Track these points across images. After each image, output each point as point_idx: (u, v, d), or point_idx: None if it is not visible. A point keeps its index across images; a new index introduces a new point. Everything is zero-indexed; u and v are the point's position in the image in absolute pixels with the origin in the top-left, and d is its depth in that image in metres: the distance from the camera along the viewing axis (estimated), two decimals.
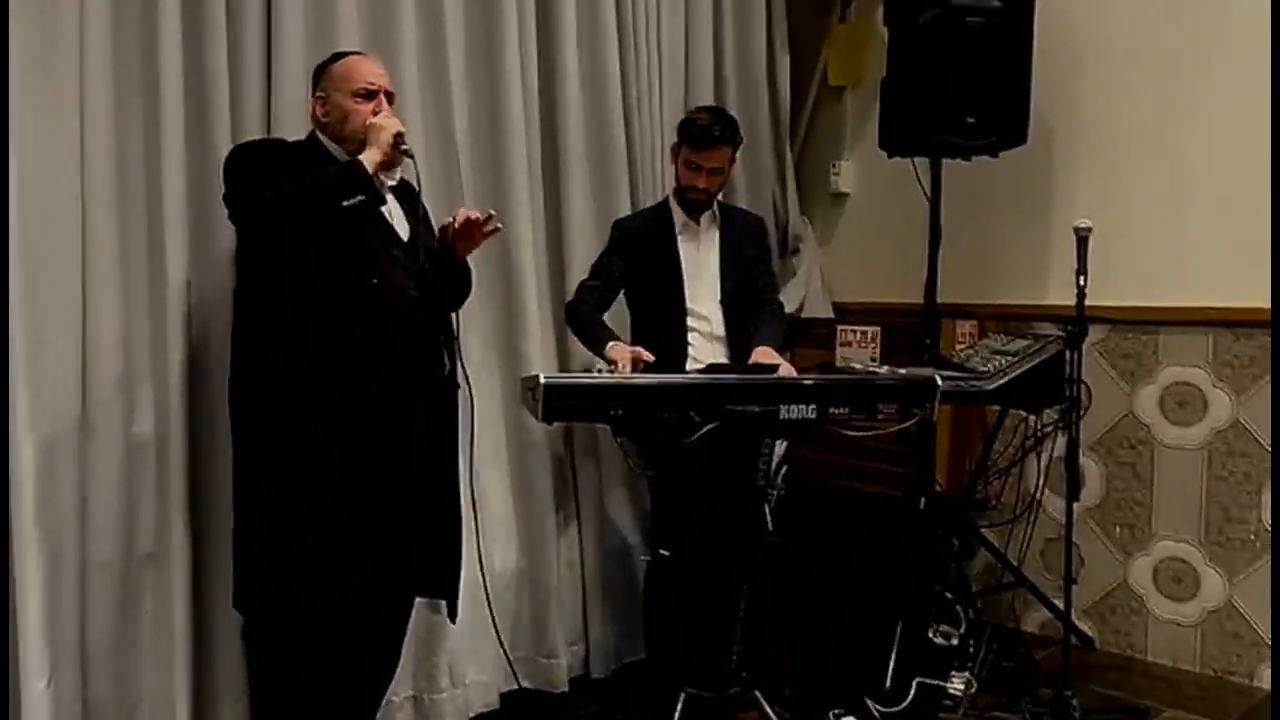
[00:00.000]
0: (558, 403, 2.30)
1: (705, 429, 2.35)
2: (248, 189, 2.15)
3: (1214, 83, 3.25)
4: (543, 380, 2.27)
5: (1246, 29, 3.17)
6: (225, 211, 2.27)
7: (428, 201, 2.41)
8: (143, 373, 2.39)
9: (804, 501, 3.82)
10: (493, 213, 2.38)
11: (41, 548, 2.16)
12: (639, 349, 2.72)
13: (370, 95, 2.30)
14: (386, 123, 2.23)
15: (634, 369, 2.61)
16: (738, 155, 3.15)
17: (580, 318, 2.99)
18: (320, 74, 2.37)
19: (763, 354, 2.83)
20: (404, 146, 2.22)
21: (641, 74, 3.40)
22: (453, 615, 2.49)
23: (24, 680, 2.14)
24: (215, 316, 2.46)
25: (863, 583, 3.22)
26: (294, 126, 2.51)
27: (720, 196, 3.21)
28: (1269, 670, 3.15)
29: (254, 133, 2.53)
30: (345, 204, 2.10)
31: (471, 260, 2.54)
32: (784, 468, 3.92)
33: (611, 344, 2.80)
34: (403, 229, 2.34)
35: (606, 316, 3.03)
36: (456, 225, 2.37)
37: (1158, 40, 3.37)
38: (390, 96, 2.35)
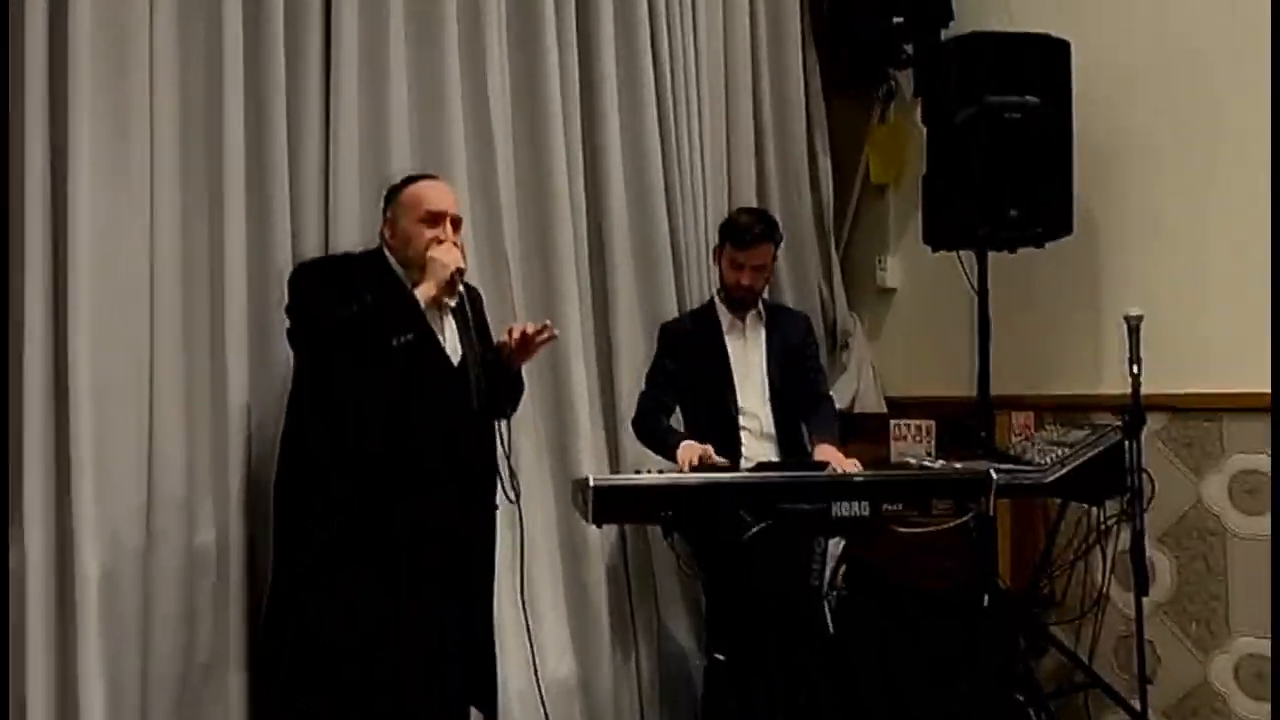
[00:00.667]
0: (607, 504, 2.30)
1: (756, 528, 2.33)
2: (309, 314, 2.23)
3: (1264, 161, 3.23)
4: (592, 482, 2.28)
5: None
6: (284, 329, 2.35)
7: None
8: (204, 487, 2.46)
9: (866, 600, 3.74)
10: (548, 323, 2.44)
11: (103, 658, 2.19)
12: (708, 448, 2.72)
13: (435, 220, 2.38)
14: (446, 257, 2.30)
15: (698, 467, 2.61)
16: (779, 253, 3.19)
17: (647, 428, 3.01)
18: (391, 197, 2.46)
19: (825, 452, 2.82)
20: (459, 285, 2.32)
21: (685, 178, 3.48)
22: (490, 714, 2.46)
23: None
24: (275, 428, 2.51)
25: (928, 684, 3.12)
26: (349, 239, 2.61)
27: (765, 295, 3.25)
28: None
29: (312, 247, 2.63)
30: (396, 342, 2.18)
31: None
32: (843, 566, 3.86)
33: (683, 444, 2.79)
34: (455, 351, 2.40)
35: None
36: (514, 342, 2.41)
37: (1199, 122, 3.37)
38: (457, 222, 2.43)
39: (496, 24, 2.99)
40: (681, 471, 2.60)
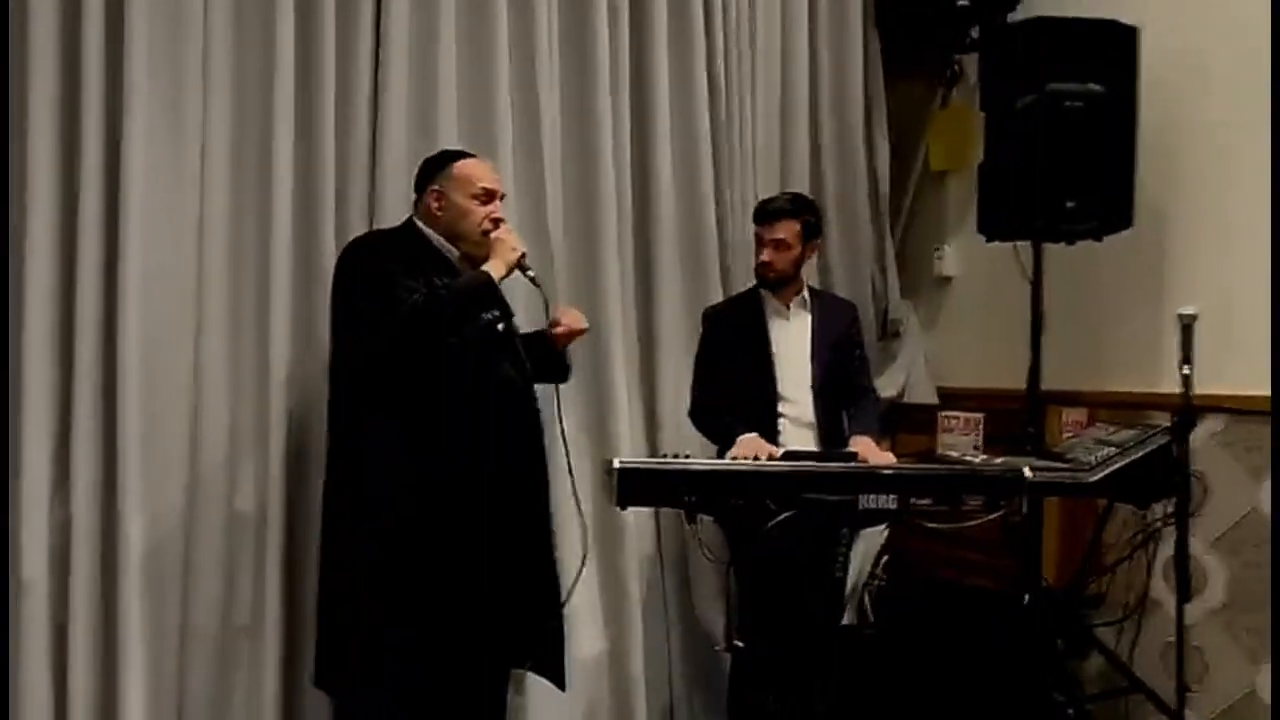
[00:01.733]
0: (632, 487, 2.32)
1: (781, 516, 2.33)
2: (382, 294, 2.25)
3: None
4: (616, 464, 2.30)
5: None
6: (328, 300, 2.42)
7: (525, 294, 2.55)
8: (246, 454, 2.55)
9: (906, 593, 3.71)
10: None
11: (146, 618, 2.30)
12: (772, 449, 2.71)
13: (489, 197, 2.43)
14: (512, 240, 2.38)
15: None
16: (820, 241, 3.15)
17: (706, 422, 3.01)
18: (436, 169, 2.49)
19: (861, 444, 2.80)
20: (529, 270, 2.38)
21: (736, 162, 3.47)
22: (560, 684, 2.53)
23: None
24: (317, 399, 2.59)
25: (966, 681, 3.09)
26: (396, 218, 2.66)
27: (815, 284, 3.22)
28: None
29: (357, 228, 2.69)
30: (485, 319, 2.26)
31: None
32: (884, 557, 3.82)
33: (745, 437, 2.79)
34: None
35: None
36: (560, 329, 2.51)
37: (1270, 114, 3.24)
38: (503, 198, 2.49)
39: (547, 6, 3.00)
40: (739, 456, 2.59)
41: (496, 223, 2.41)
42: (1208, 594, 3.30)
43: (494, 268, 2.32)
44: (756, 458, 2.62)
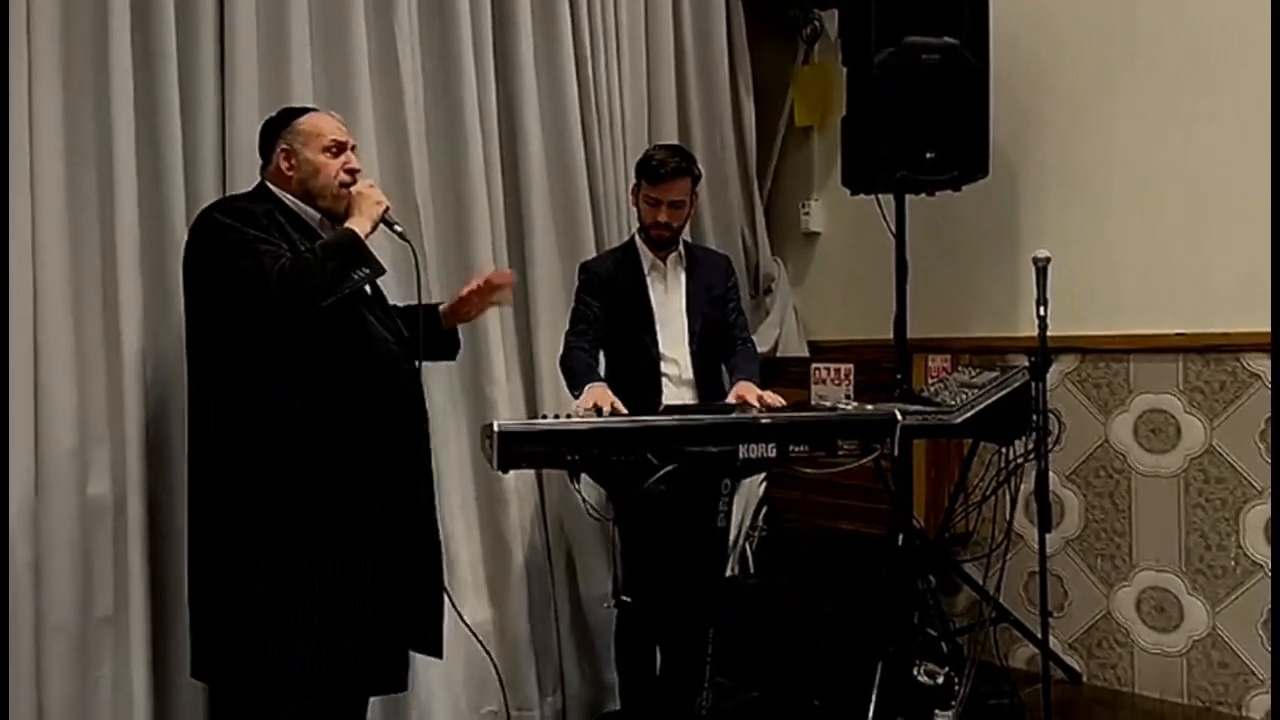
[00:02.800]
0: (513, 449, 2.28)
1: (663, 470, 2.33)
2: (247, 262, 2.12)
3: (1179, 109, 3.27)
4: (497, 427, 2.26)
5: (1210, 55, 3.19)
6: (180, 271, 2.28)
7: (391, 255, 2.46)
8: (99, 434, 2.39)
9: (784, 542, 3.80)
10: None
11: None
12: (615, 401, 2.68)
13: (340, 149, 2.32)
14: (375, 194, 2.27)
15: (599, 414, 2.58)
16: (698, 192, 3.15)
17: (569, 369, 2.96)
18: (280, 128, 2.36)
19: (743, 388, 2.82)
20: (396, 225, 2.28)
21: (604, 119, 3.43)
22: (437, 653, 2.45)
23: None
24: (175, 377, 2.45)
25: (844, 622, 3.18)
26: (248, 180, 2.53)
27: (688, 238, 3.22)
28: (1257, 699, 3.09)
29: (209, 190, 2.55)
30: (355, 277, 2.14)
31: None
32: (764, 508, 3.90)
33: (589, 387, 2.76)
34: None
35: None
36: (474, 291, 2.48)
37: (1117, 68, 3.40)
38: (353, 148, 2.37)
39: None
40: (576, 413, 2.57)
41: (353, 174, 2.31)
42: (1064, 524, 3.49)
43: (358, 224, 2.22)
44: (599, 409, 2.59)
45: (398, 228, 2.29)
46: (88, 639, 2.36)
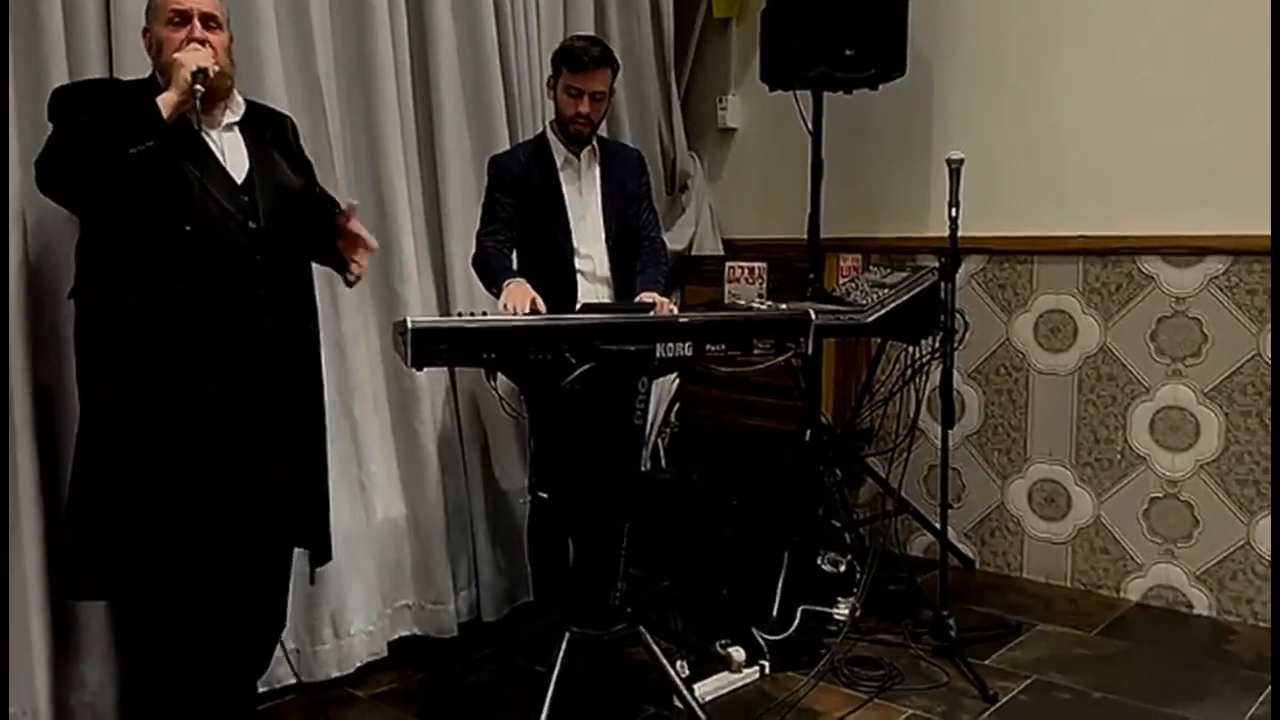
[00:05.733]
0: (427, 347, 2.23)
1: (581, 369, 2.33)
2: (49, 136, 2.02)
3: (1089, 11, 3.29)
4: (410, 324, 2.21)
5: None
6: None
7: None
8: None
9: (695, 437, 3.87)
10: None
11: None
12: (536, 298, 2.63)
13: (183, 20, 2.13)
14: (187, 58, 2.07)
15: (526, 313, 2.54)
16: (617, 87, 3.07)
17: (484, 266, 2.88)
18: (147, 10, 2.21)
19: (647, 299, 2.80)
20: (198, 87, 2.06)
21: (518, 8, 3.30)
22: (314, 563, 2.44)
23: None
24: (59, 259, 2.32)
25: (751, 515, 3.27)
26: (138, 68, 2.37)
27: (603, 132, 3.15)
28: (1135, 583, 3.31)
29: (94, 74, 2.39)
30: (132, 151, 1.98)
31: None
32: (675, 405, 3.95)
33: (510, 284, 2.69)
34: (239, 168, 2.22)
35: None
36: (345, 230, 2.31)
37: None
38: (208, 19, 2.17)
39: None
40: (504, 313, 2.54)
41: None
42: (965, 420, 3.62)
43: (167, 95, 2.04)
44: (530, 310, 2.57)
45: (198, 88, 2.06)
46: None
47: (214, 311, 2.12)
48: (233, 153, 2.22)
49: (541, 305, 2.61)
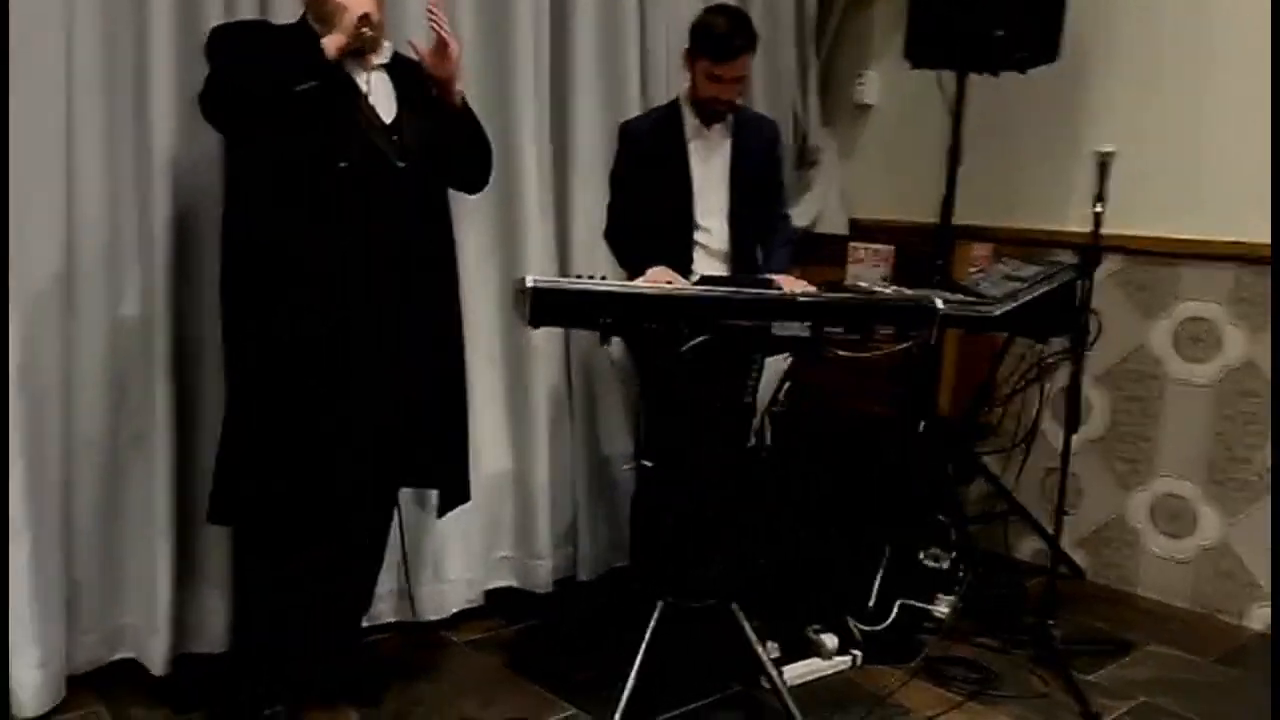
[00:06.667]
0: (545, 307, 2.24)
1: (694, 341, 2.31)
2: (211, 71, 2.09)
3: (1253, 12, 3.08)
4: (530, 283, 2.22)
5: None
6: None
7: None
8: (129, 255, 2.38)
9: (803, 419, 3.81)
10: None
11: (23, 423, 2.17)
12: (677, 278, 2.63)
13: None
14: (351, 3, 2.14)
15: None
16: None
17: (619, 241, 2.89)
18: None
19: (783, 283, 2.75)
20: (365, 30, 2.13)
21: None
22: (450, 504, 2.47)
23: (12, 555, 2.18)
24: (205, 198, 2.41)
25: (856, 503, 3.21)
26: (290, 11, 2.43)
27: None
28: (1259, 611, 3.13)
29: (248, 12, 2.46)
30: (297, 89, 2.04)
31: None
32: (786, 384, 3.89)
33: (654, 269, 2.67)
34: (388, 111, 2.26)
35: None
36: (426, 56, 2.25)
37: None
38: None
39: None
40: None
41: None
42: (1088, 425, 3.47)
43: (332, 38, 2.10)
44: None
45: (366, 30, 2.13)
46: (116, 459, 2.40)
47: (360, 248, 2.16)
48: (381, 96, 2.26)
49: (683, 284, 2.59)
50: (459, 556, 2.90)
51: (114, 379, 2.38)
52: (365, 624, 2.65)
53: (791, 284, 2.71)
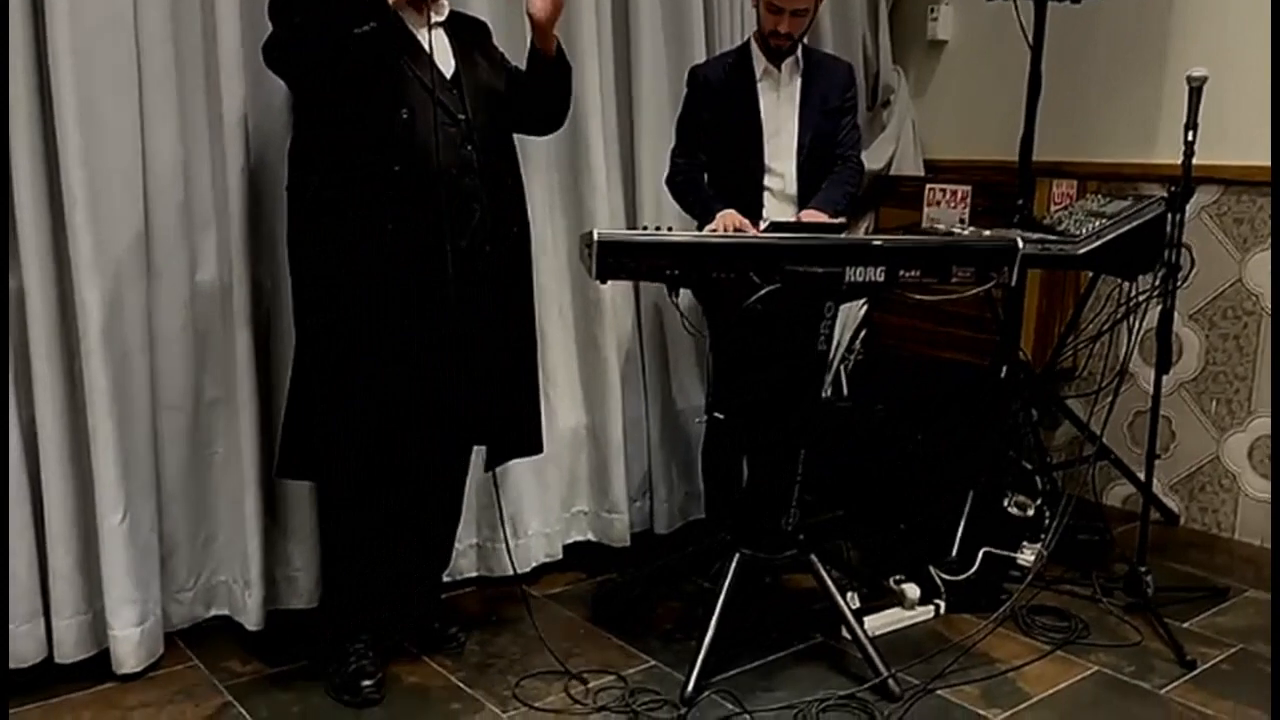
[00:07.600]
0: (612, 260, 2.23)
1: (764, 290, 2.26)
2: (273, 18, 2.10)
3: None
4: (597, 237, 2.20)
5: None
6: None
7: None
8: (205, 220, 2.42)
9: (880, 367, 3.73)
10: None
11: (111, 389, 2.24)
12: (746, 223, 2.60)
13: None
14: None
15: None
16: None
17: (684, 191, 2.86)
18: None
19: (809, 216, 2.69)
20: None
21: None
22: (521, 455, 2.48)
23: (100, 515, 2.26)
24: (276, 158, 2.43)
25: (935, 451, 3.15)
26: None
27: (805, 41, 3.01)
28: None
29: None
30: (356, 31, 2.02)
31: None
32: (862, 331, 3.82)
33: (723, 213, 2.67)
34: (447, 65, 2.24)
35: None
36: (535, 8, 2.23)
37: None
38: None
39: None
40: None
41: None
42: (1181, 365, 3.34)
43: None
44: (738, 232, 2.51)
45: (436, 18, 2.15)
46: (200, 419, 2.46)
47: (424, 201, 2.15)
48: (440, 49, 2.24)
49: (751, 231, 2.55)
50: (537, 512, 2.92)
51: (195, 339, 2.43)
52: (446, 579, 2.69)
53: (810, 215, 2.65)
